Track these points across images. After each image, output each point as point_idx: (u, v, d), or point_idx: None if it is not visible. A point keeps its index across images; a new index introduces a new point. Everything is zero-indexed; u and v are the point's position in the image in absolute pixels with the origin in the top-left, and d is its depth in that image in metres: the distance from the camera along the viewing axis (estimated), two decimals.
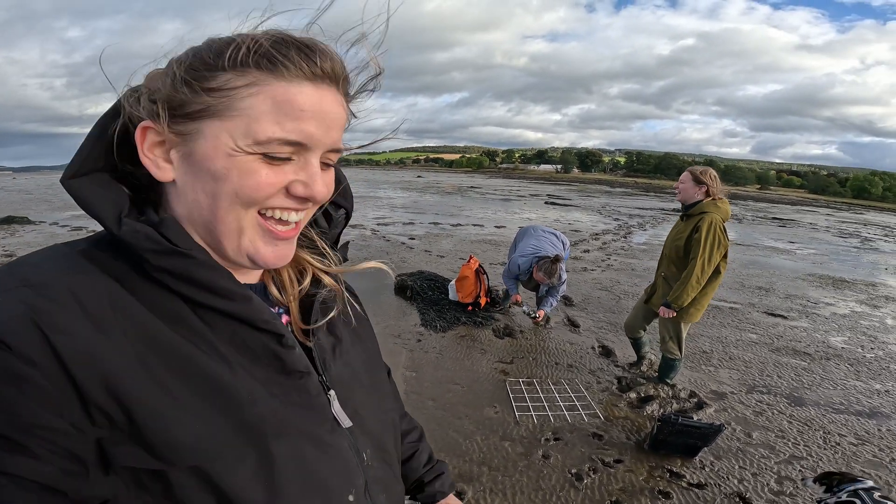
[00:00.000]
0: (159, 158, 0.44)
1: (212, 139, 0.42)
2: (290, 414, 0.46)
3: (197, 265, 0.43)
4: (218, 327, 0.44)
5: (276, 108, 0.42)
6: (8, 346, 0.34)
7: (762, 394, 3.50)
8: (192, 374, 0.41)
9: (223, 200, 0.43)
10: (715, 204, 2.95)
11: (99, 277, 0.41)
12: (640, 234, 11.88)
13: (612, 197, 29.09)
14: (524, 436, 2.69)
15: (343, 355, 0.57)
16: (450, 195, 23.29)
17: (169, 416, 0.39)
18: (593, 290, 5.94)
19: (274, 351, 0.47)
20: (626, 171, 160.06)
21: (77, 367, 0.36)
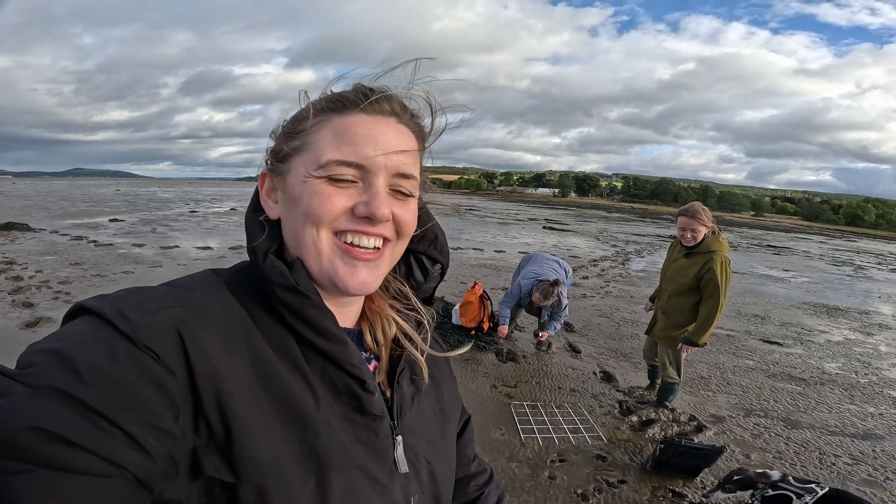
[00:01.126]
0: (270, 201, 0.54)
1: (294, 173, 0.50)
2: (355, 450, 0.49)
3: (310, 305, 0.48)
4: (313, 362, 0.49)
5: (336, 137, 0.49)
6: (157, 356, 0.39)
7: (759, 417, 3.58)
8: (283, 400, 0.45)
9: (299, 223, 0.49)
10: (718, 240, 3.04)
11: (236, 306, 0.47)
12: (637, 260, 12.00)
13: (609, 222, 29.37)
14: (530, 457, 2.77)
15: (419, 404, 0.59)
16: (448, 217, 23.41)
17: (259, 437, 0.42)
18: (593, 317, 6.03)
19: (355, 392, 0.50)
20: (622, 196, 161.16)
21: (202, 380, 0.41)
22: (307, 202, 0.48)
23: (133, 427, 0.36)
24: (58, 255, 8.18)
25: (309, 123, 0.50)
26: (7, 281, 6.14)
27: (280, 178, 0.52)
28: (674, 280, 3.20)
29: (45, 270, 6.85)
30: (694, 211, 3.11)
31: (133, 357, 0.38)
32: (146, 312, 0.41)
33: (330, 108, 0.50)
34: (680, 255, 3.21)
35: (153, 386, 0.38)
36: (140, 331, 0.39)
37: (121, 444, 0.36)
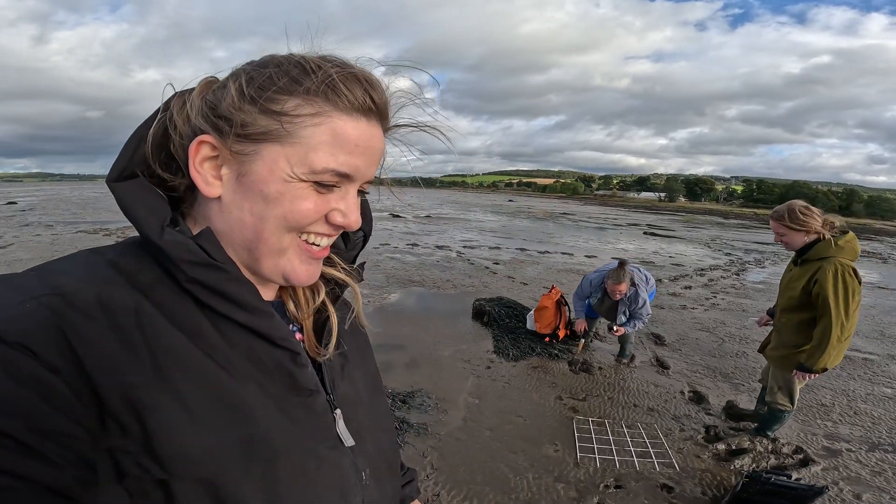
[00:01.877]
0: (209, 174, 0.45)
1: (269, 162, 0.43)
2: (296, 431, 0.47)
3: (228, 279, 0.44)
4: (236, 342, 0.45)
5: (333, 140, 0.44)
6: (33, 353, 0.35)
7: (887, 452, 2.97)
8: (207, 388, 0.42)
9: (270, 223, 0.45)
10: (834, 244, 2.44)
11: (125, 289, 0.41)
12: (756, 271, 10.61)
13: (725, 229, 26.53)
14: (581, 479, 2.49)
15: (349, 375, 0.58)
16: (541, 221, 22.93)
17: (181, 428, 0.39)
18: (691, 330, 5.40)
19: (287, 368, 0.47)
20: (743, 202, 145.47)
21: (98, 376, 0.36)
22: (289, 207, 0.44)
23: (24, 434, 0.34)
24: None
25: (302, 109, 0.43)
26: None
27: (239, 158, 0.44)
28: (784, 293, 2.70)
29: None
30: (781, 213, 2.55)
31: (3, 357, 0.34)
32: (12, 304, 0.37)
33: (329, 101, 0.43)
34: (792, 263, 2.70)
35: (34, 387, 0.34)
36: (8, 326, 0.35)
37: (15, 454, 0.33)
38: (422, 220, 18.76)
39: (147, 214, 0.43)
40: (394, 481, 0.63)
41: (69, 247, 9.13)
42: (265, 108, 0.43)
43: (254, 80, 0.43)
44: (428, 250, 10.42)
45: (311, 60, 0.44)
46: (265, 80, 0.43)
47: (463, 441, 2.78)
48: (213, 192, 0.45)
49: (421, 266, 8.33)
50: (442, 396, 3.34)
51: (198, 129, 0.44)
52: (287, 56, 0.45)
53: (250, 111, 0.43)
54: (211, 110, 0.44)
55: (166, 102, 0.47)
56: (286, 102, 0.43)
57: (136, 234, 0.46)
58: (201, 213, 0.48)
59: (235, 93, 0.43)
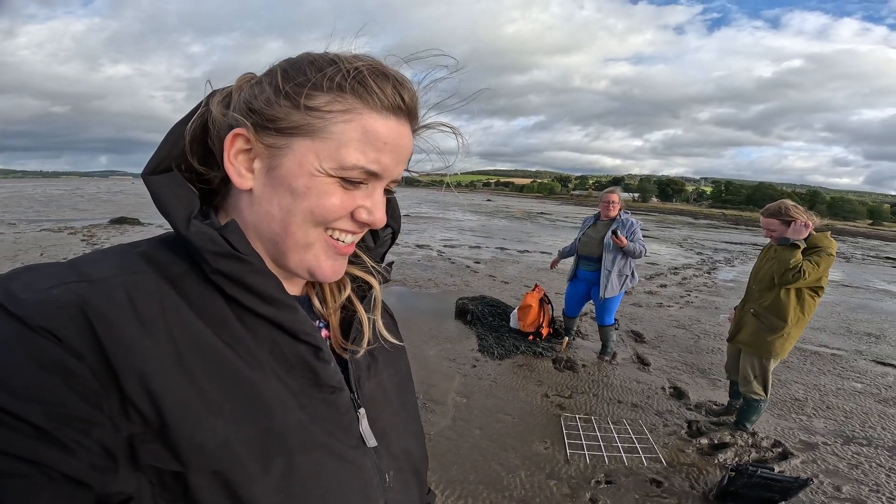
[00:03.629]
0: (242, 166, 0.46)
1: (299, 156, 0.44)
2: (316, 428, 0.46)
3: (251, 271, 0.44)
4: (259, 335, 0.45)
5: (363, 137, 0.44)
6: (57, 338, 0.35)
7: (861, 445, 3.10)
8: (227, 379, 0.41)
9: (297, 217, 0.45)
10: (828, 237, 2.64)
11: (153, 278, 0.41)
12: (726, 269, 10.94)
13: (695, 229, 27.30)
14: (573, 476, 2.51)
15: (377, 375, 0.57)
16: (519, 220, 23.13)
17: (199, 419, 0.39)
18: (669, 328, 5.53)
19: (310, 363, 0.47)
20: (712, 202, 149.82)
21: (120, 362, 0.36)
22: (315, 201, 0.45)
23: (41, 419, 0.33)
24: None
25: (333, 105, 0.43)
26: None
27: (271, 151, 0.45)
28: (767, 276, 2.79)
29: None
30: (774, 210, 2.72)
31: (27, 341, 0.34)
32: (40, 290, 0.37)
33: (360, 98, 0.44)
34: (774, 253, 2.79)
35: (57, 372, 0.34)
36: (33, 311, 0.35)
37: (32, 440, 0.33)
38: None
39: (177, 206, 0.44)
40: (421, 486, 0.61)
41: (33, 245, 8.75)
42: (298, 103, 0.43)
43: (288, 75, 0.44)
44: (408, 249, 10.36)
45: (344, 58, 0.44)
46: (299, 76, 0.44)
47: (453, 440, 2.78)
48: (245, 185, 0.46)
49: (402, 265, 8.28)
50: (429, 396, 3.33)
51: (233, 123, 0.45)
52: (321, 54, 0.46)
53: (284, 106, 0.43)
54: (246, 105, 0.45)
55: (206, 98, 0.48)
56: (318, 98, 0.43)
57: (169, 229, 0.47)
58: (232, 205, 0.49)
59: (270, 88, 0.44)
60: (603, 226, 4.12)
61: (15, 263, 6.97)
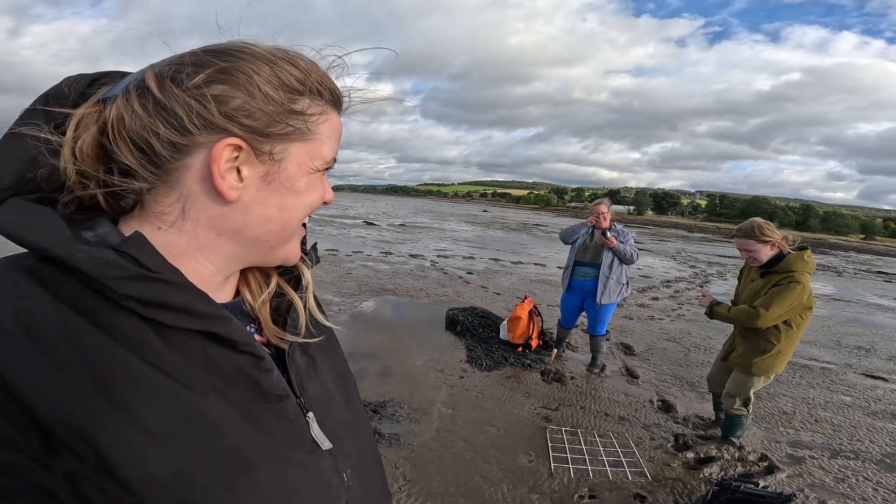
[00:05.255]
0: (232, 179, 0.43)
1: (297, 160, 0.46)
2: (269, 439, 0.44)
3: (171, 289, 0.40)
4: (188, 350, 0.41)
5: (333, 135, 0.49)
6: None
7: (848, 459, 3.10)
8: (163, 404, 0.38)
9: (297, 213, 0.48)
10: (803, 258, 2.61)
11: (50, 303, 0.37)
12: (719, 283, 10.99)
13: (689, 242, 27.46)
14: (556, 490, 2.48)
15: (318, 375, 0.56)
16: (514, 231, 23.18)
17: (143, 449, 0.36)
18: (659, 341, 5.52)
19: (251, 374, 0.45)
20: (706, 216, 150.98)
21: (34, 403, 0.34)
22: (313, 195, 0.49)
23: None
24: None
25: (313, 109, 0.46)
26: None
27: (273, 159, 0.45)
28: (749, 301, 2.79)
29: None
30: (748, 229, 2.69)
31: None
32: None
33: (332, 103, 0.49)
34: (756, 275, 2.81)
35: None
36: None
37: None
38: (396, 229, 18.68)
39: (45, 237, 0.37)
40: (378, 476, 0.61)
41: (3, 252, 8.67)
42: (290, 109, 0.45)
43: (270, 80, 0.43)
44: (401, 259, 10.34)
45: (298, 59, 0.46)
46: (276, 79, 0.44)
47: (436, 452, 2.74)
48: (233, 196, 0.43)
49: (394, 274, 8.26)
50: (415, 406, 3.29)
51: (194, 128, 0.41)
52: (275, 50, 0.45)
53: (277, 112, 0.44)
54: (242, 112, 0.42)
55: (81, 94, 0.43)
56: (299, 102, 0.45)
57: None
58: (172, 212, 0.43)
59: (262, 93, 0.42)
60: (599, 234, 4.14)
61: None
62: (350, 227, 17.35)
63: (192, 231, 0.44)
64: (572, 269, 4.24)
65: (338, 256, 9.77)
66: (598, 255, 4.07)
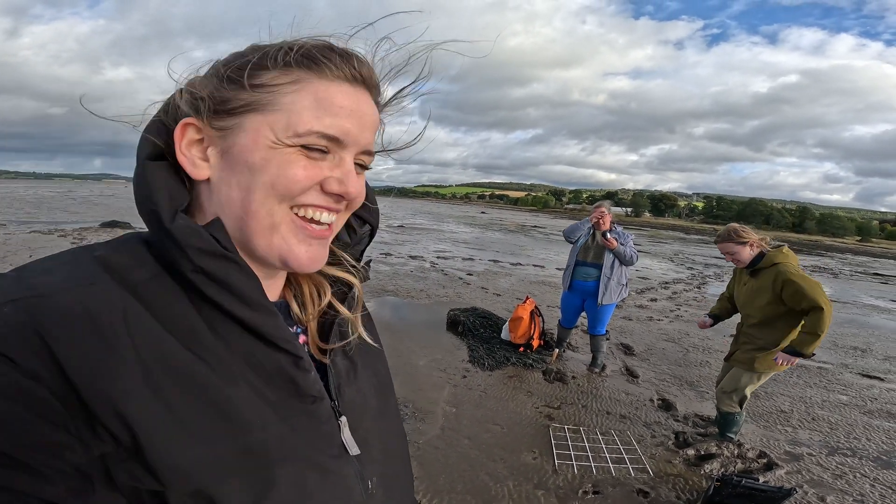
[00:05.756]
0: (196, 157, 0.45)
1: (252, 132, 0.43)
2: (297, 440, 0.44)
3: (236, 270, 0.42)
4: (233, 344, 0.43)
5: (316, 104, 0.43)
6: (12, 360, 0.33)
7: (845, 456, 3.16)
8: (201, 396, 0.39)
9: (258, 193, 0.43)
10: (782, 252, 2.77)
11: (112, 288, 0.38)
12: (716, 284, 11.04)
13: (686, 244, 27.54)
14: (560, 486, 2.52)
15: (356, 380, 0.55)
16: (513, 233, 23.23)
17: (174, 439, 0.37)
18: (658, 341, 5.57)
19: (289, 373, 0.45)
20: (703, 217, 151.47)
21: (83, 384, 0.34)
22: (276, 172, 0.43)
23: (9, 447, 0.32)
24: None
25: (280, 79, 0.43)
26: None
27: (222, 133, 0.44)
28: (753, 304, 2.87)
29: None
30: (725, 234, 2.88)
31: None
32: None
33: (307, 67, 0.44)
34: (747, 276, 2.94)
35: (17, 398, 0.33)
36: None
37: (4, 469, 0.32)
38: (395, 230, 18.69)
39: (165, 198, 0.42)
40: (405, 486, 0.60)
41: (22, 247, 8.67)
42: (242, 84, 0.43)
43: (230, 61, 0.45)
44: (401, 260, 10.37)
45: (288, 40, 0.45)
46: (241, 60, 0.44)
47: (442, 450, 2.78)
48: (200, 175, 0.45)
49: (395, 276, 8.29)
50: (419, 405, 3.33)
51: (182, 115, 0.44)
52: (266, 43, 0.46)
53: (230, 88, 0.44)
54: (190, 94, 0.44)
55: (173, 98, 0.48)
56: (263, 76, 0.43)
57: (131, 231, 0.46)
58: (196, 203, 0.47)
59: (215, 76, 0.44)
60: (600, 235, 4.18)
61: (3, 265, 6.90)
62: None
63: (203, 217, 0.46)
64: (574, 270, 4.27)
65: None
66: (600, 256, 4.11)
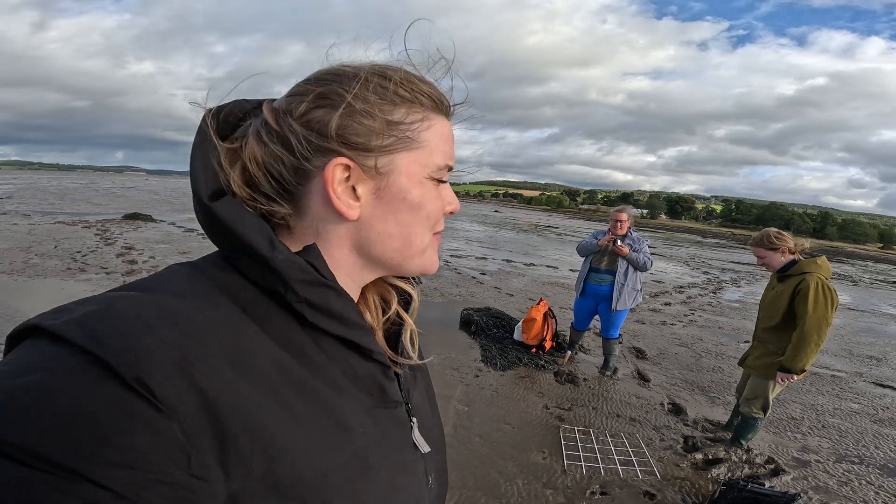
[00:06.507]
0: (348, 197, 0.45)
1: (405, 170, 0.46)
2: (388, 443, 0.47)
3: (337, 297, 0.43)
4: (334, 357, 0.44)
5: (441, 140, 0.48)
6: (152, 392, 0.31)
7: (852, 463, 3.18)
8: (320, 409, 0.41)
9: (419, 227, 0.47)
10: (815, 262, 2.78)
11: (231, 310, 0.39)
12: (732, 290, 10.91)
13: (703, 248, 27.20)
14: (569, 486, 2.59)
15: (417, 385, 0.59)
16: (526, 233, 23.19)
17: (307, 451, 0.38)
18: (671, 346, 5.58)
19: (380, 381, 0.48)
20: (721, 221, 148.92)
21: (223, 411, 0.34)
22: (430, 207, 0.48)
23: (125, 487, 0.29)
24: (171, 244, 9.33)
25: (412, 117, 0.46)
26: (123, 263, 7.13)
27: (374, 173, 0.45)
28: (771, 307, 2.94)
29: (157, 257, 7.82)
30: (759, 238, 2.91)
31: (118, 397, 0.30)
32: (131, 335, 0.32)
33: (434, 109, 0.48)
34: (776, 281, 2.98)
35: (149, 432, 0.30)
36: (126, 360, 0.31)
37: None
38: None
39: (253, 233, 0.41)
40: (446, 481, 0.64)
41: (47, 237, 8.94)
42: (389, 120, 0.45)
43: (359, 94, 0.44)
44: None
45: (391, 68, 0.47)
46: (367, 92, 0.44)
47: (454, 447, 2.86)
48: (353, 216, 0.45)
49: None
50: None
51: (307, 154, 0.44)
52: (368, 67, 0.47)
53: (377, 126, 0.44)
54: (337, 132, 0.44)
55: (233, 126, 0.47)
56: (396, 112, 0.45)
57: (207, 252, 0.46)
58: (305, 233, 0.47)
59: (358, 109, 0.44)
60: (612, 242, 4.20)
61: (29, 255, 7.15)
62: None
63: (327, 249, 0.47)
64: (587, 274, 4.29)
65: None
66: (614, 262, 4.12)
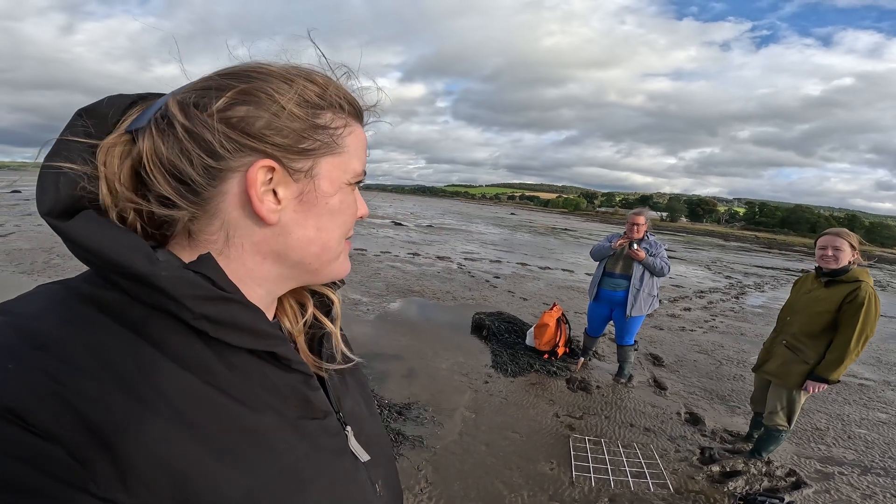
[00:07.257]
0: (270, 201, 0.42)
1: (328, 175, 0.45)
2: (319, 455, 0.46)
3: (242, 309, 0.41)
4: (248, 371, 0.42)
5: (359, 146, 0.48)
6: (24, 421, 0.31)
7: (878, 476, 3.03)
8: (231, 426, 0.39)
9: (335, 232, 0.47)
10: (866, 271, 2.67)
11: (116, 331, 0.36)
12: (756, 295, 10.58)
13: (725, 252, 26.58)
14: (576, 499, 2.49)
15: (350, 390, 0.58)
16: (542, 236, 22.99)
17: (219, 473, 0.37)
18: (690, 352, 5.41)
19: (302, 392, 0.46)
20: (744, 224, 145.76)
21: (110, 437, 0.33)
22: (349, 212, 0.48)
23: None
24: None
25: (337, 122, 0.46)
26: None
27: (297, 175, 0.43)
28: (806, 311, 2.77)
29: None
30: (838, 230, 2.75)
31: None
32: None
33: (354, 115, 0.48)
34: (817, 285, 2.80)
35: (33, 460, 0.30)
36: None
37: None
38: (423, 230, 18.82)
39: (125, 251, 0.37)
40: (398, 485, 0.63)
41: None
42: (315, 124, 0.44)
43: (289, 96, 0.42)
44: (429, 260, 10.43)
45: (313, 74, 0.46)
46: (296, 95, 0.43)
47: (458, 455, 2.79)
48: (274, 220, 0.43)
49: (421, 276, 8.35)
50: (439, 409, 3.35)
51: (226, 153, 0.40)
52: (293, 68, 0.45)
53: (304, 128, 0.43)
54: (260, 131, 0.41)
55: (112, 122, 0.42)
56: (323, 116, 0.45)
57: None
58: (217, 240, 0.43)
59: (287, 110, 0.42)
60: (628, 245, 4.08)
61: (51, 255, 7.32)
62: (378, 227, 17.60)
63: (238, 257, 0.44)
64: (601, 279, 4.18)
65: (366, 256, 9.95)
66: (629, 266, 4.00)
